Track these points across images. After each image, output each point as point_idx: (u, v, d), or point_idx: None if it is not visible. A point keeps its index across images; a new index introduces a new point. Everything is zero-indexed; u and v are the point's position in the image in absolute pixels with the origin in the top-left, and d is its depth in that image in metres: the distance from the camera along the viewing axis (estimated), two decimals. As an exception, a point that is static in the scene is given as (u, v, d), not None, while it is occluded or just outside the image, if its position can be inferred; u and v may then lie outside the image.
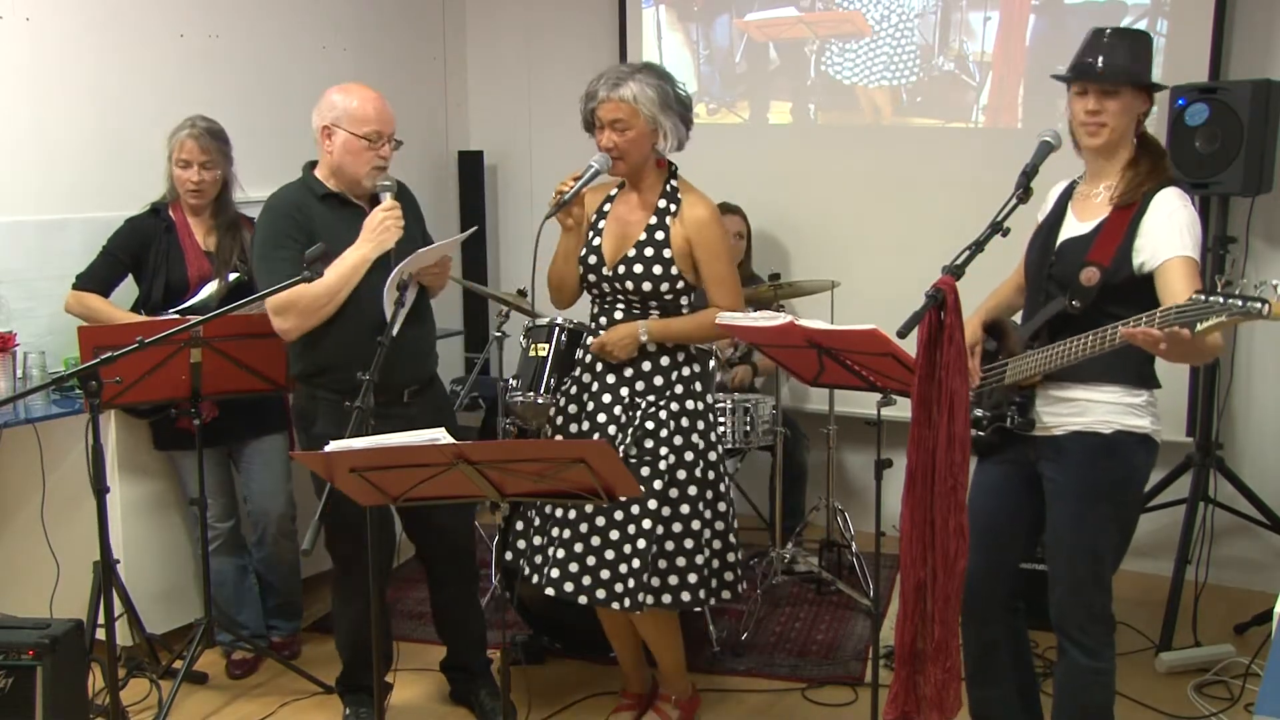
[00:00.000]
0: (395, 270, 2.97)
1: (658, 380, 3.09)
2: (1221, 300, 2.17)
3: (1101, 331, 2.42)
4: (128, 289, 3.69)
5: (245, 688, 3.65)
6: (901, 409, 2.55)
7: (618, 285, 3.06)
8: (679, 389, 3.10)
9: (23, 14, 3.75)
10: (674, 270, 3.04)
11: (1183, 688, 3.54)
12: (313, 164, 3.18)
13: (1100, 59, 2.58)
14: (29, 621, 2.93)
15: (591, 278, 3.12)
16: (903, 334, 2.39)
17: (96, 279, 3.62)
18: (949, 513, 2.41)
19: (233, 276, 3.61)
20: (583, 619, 3.61)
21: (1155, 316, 2.29)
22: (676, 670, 3.32)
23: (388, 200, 3.05)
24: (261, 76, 4.58)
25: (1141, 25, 4.23)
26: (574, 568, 3.02)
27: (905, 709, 2.55)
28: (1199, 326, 2.21)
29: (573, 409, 3.17)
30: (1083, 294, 2.55)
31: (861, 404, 3.16)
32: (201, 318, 3.01)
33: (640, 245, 3.04)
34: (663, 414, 3.07)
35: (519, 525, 3.22)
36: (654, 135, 2.99)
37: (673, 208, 3.07)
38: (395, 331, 2.92)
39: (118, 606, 3.18)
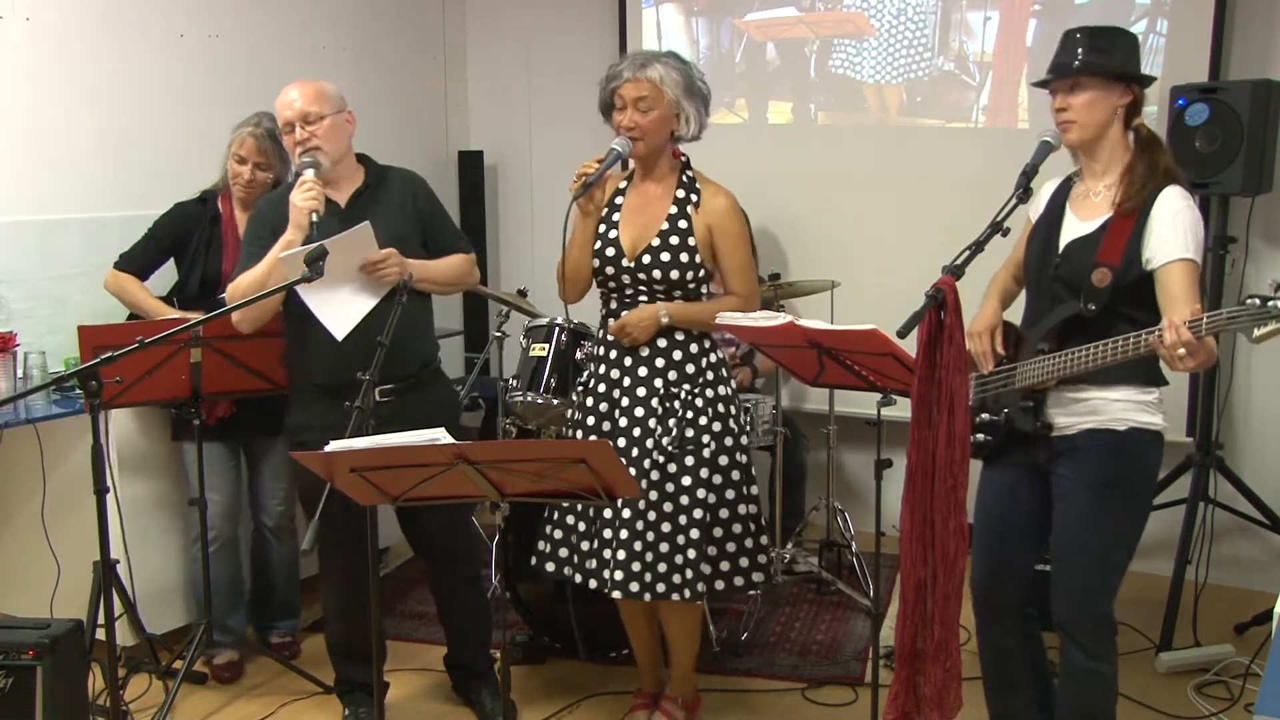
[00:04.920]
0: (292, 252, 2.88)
1: (690, 368, 3.09)
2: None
3: (1127, 339, 2.39)
4: (167, 273, 3.67)
5: (245, 688, 3.64)
6: (901, 409, 2.55)
7: (640, 275, 3.06)
8: (709, 375, 3.11)
9: (23, 14, 3.75)
10: (697, 259, 3.05)
11: (1183, 688, 3.54)
12: None
13: (1062, 57, 2.58)
14: (29, 621, 2.92)
15: (610, 269, 3.10)
16: (903, 334, 2.39)
17: (137, 261, 3.60)
18: (949, 513, 2.41)
19: None
20: (584, 619, 3.61)
21: (1203, 321, 2.26)
22: (689, 669, 3.33)
23: (301, 179, 3.02)
24: (262, 76, 4.56)
25: (1141, 25, 4.23)
26: (636, 567, 3.01)
27: (905, 709, 2.55)
28: (1256, 332, 2.19)
29: (603, 406, 3.14)
30: (1096, 296, 2.52)
31: (861, 404, 3.16)
32: (202, 318, 3.01)
33: (664, 235, 3.05)
34: (699, 401, 3.07)
35: (558, 534, 3.20)
36: (675, 120, 3.02)
37: (693, 197, 3.09)
38: (383, 331, 2.91)
39: (118, 606, 3.17)
